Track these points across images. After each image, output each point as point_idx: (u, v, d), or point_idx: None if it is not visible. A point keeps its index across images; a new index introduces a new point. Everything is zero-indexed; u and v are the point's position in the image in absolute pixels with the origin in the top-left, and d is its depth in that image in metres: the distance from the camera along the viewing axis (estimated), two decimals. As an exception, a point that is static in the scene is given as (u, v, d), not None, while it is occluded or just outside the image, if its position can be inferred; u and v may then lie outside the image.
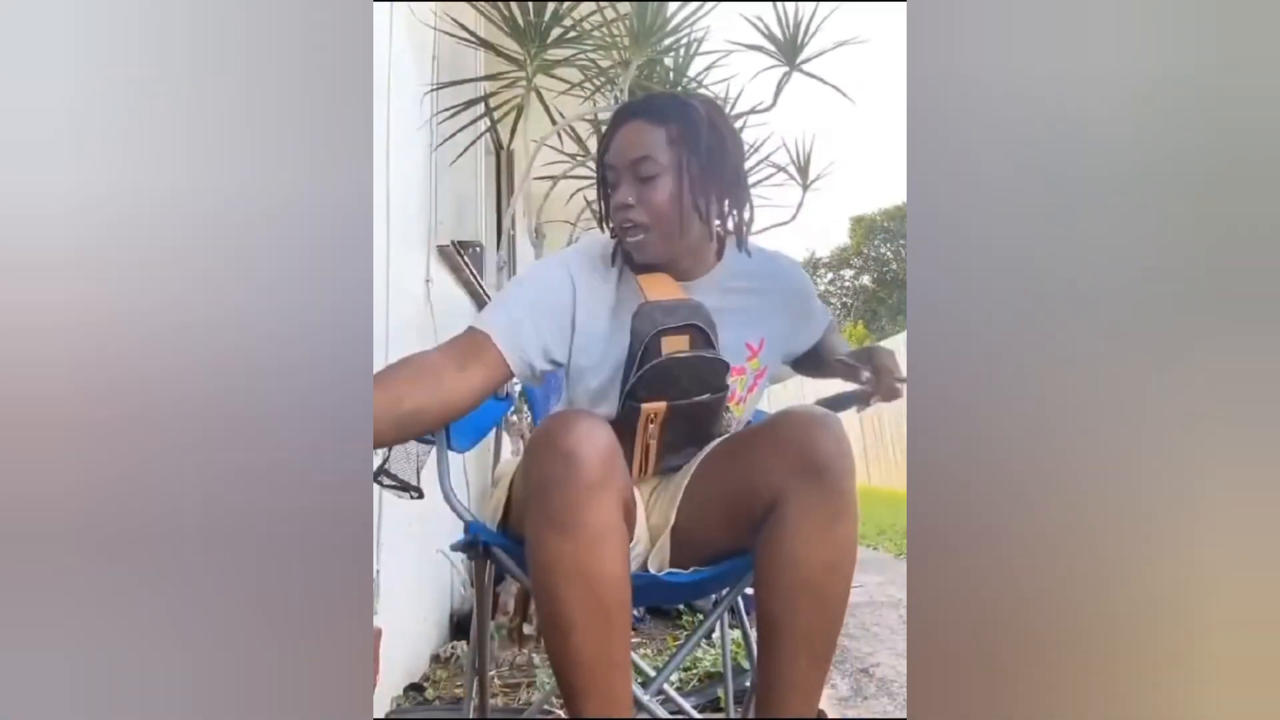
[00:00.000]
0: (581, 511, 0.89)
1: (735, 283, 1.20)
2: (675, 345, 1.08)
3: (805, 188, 2.58)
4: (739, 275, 1.21)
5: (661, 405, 1.09)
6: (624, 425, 1.09)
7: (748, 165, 2.61)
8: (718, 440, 1.15)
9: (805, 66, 2.14)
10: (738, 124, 2.53)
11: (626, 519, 0.95)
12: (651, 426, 1.10)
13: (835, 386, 1.22)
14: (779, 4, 2.10)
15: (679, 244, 1.14)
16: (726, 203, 1.16)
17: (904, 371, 1.09)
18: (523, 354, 1.10)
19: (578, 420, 0.92)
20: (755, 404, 1.27)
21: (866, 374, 1.11)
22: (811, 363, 1.33)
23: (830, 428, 0.98)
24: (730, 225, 1.19)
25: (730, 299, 1.18)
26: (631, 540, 1.05)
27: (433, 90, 2.31)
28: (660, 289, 1.13)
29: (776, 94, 2.12)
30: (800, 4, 2.11)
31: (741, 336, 1.19)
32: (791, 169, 2.58)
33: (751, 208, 1.21)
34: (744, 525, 1.02)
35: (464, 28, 2.06)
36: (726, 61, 2.45)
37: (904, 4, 0.73)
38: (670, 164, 1.10)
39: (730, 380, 1.15)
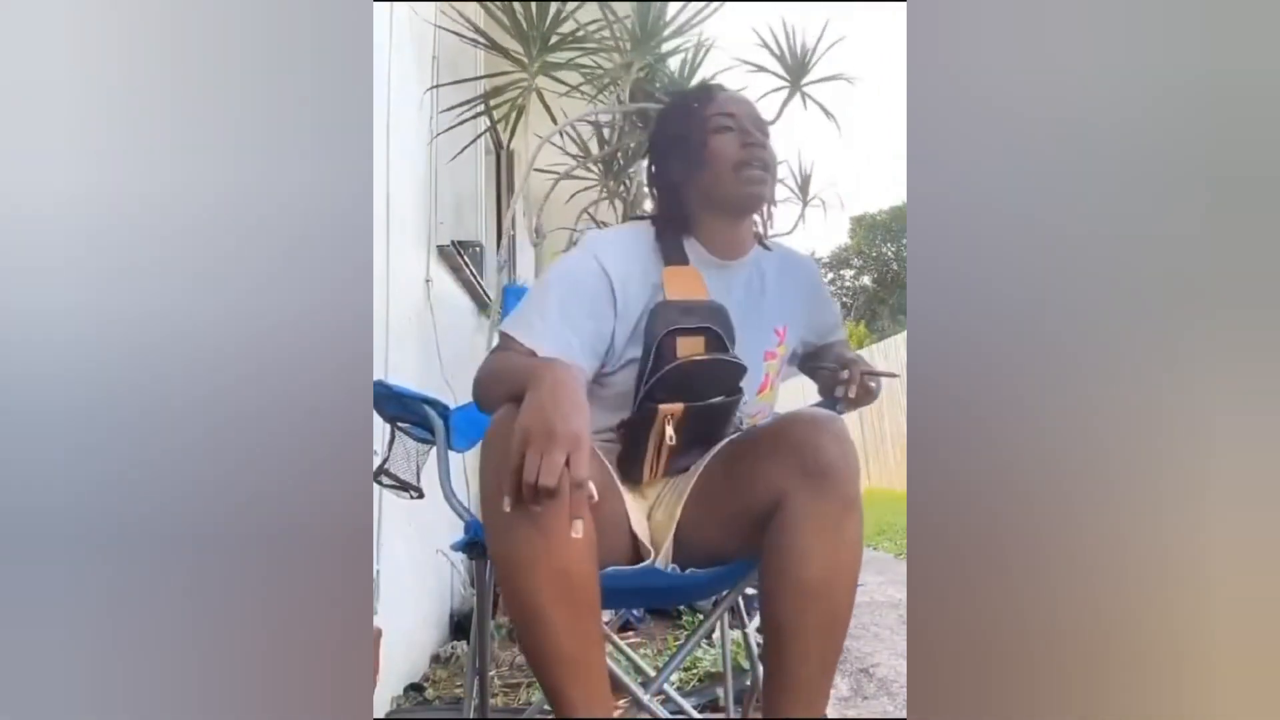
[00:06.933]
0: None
1: (765, 265, 1.26)
2: (691, 347, 1.10)
3: (805, 203, 2.58)
4: (767, 260, 1.27)
5: (679, 407, 1.09)
6: (640, 425, 1.11)
7: None
8: (725, 440, 1.15)
9: (810, 88, 2.14)
10: None
11: (596, 506, 0.93)
12: (669, 429, 1.10)
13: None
14: (786, 20, 2.10)
15: (770, 199, 1.22)
16: None
17: (897, 369, 1.12)
18: (569, 359, 1.07)
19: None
20: (778, 392, 1.30)
21: (845, 374, 1.14)
22: (809, 362, 1.35)
23: (833, 430, 0.98)
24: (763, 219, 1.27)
25: (762, 283, 1.25)
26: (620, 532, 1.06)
27: (434, 88, 2.31)
28: (683, 287, 1.14)
29: (779, 111, 2.12)
30: (805, 28, 2.10)
31: (770, 322, 1.24)
32: (791, 182, 2.58)
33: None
34: (748, 528, 1.02)
35: (468, 23, 2.06)
36: (731, 73, 2.44)
37: (904, 5, 0.73)
38: (769, 137, 1.21)
39: (764, 364, 1.22)
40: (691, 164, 1.18)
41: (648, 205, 1.90)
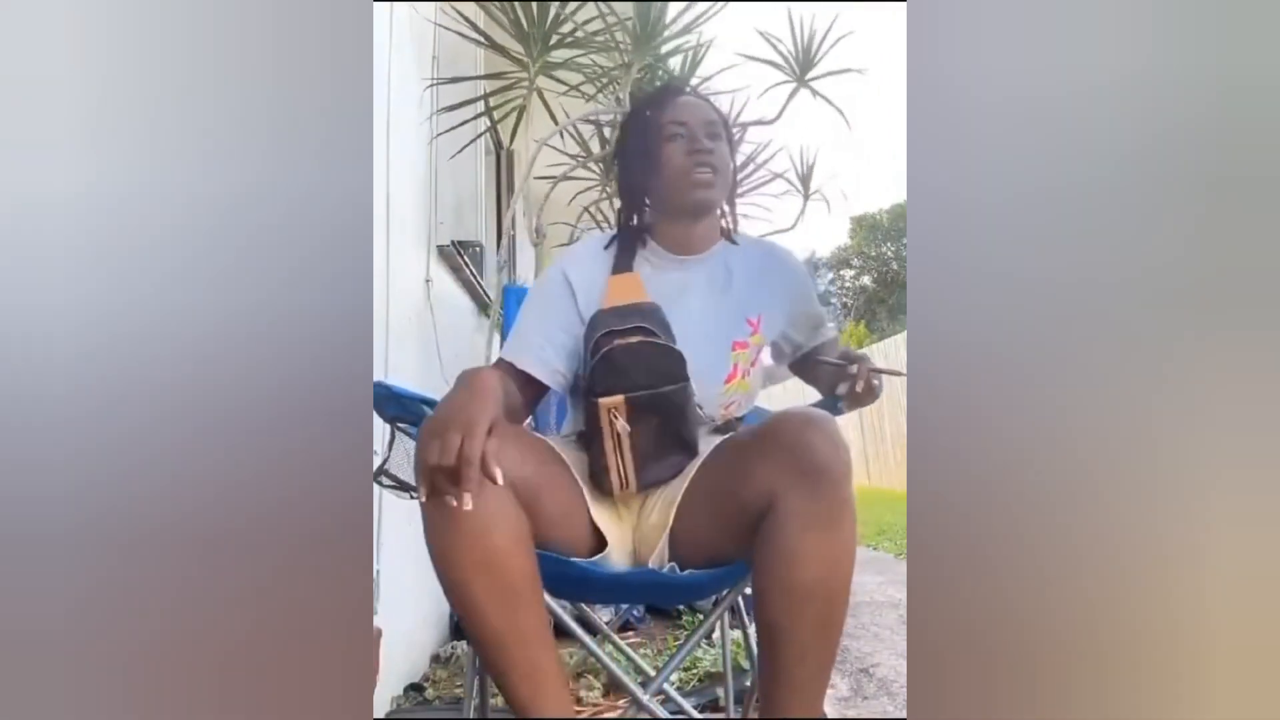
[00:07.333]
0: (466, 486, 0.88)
1: (733, 260, 1.29)
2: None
3: (806, 198, 2.58)
4: (735, 254, 1.31)
5: (619, 399, 1.10)
6: (591, 427, 1.13)
7: (748, 173, 2.61)
8: (720, 441, 1.15)
9: (814, 83, 2.13)
10: (741, 133, 2.53)
11: (525, 497, 0.97)
12: (617, 423, 1.10)
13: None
14: (792, 14, 2.09)
15: (721, 201, 1.27)
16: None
17: (898, 367, 1.12)
18: (546, 365, 1.18)
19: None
20: (758, 384, 1.30)
21: (854, 368, 1.13)
22: (805, 364, 1.35)
23: (825, 429, 0.98)
24: (726, 214, 1.33)
25: (728, 276, 1.28)
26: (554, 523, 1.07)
27: (433, 85, 2.31)
28: (621, 293, 1.20)
29: (783, 108, 2.11)
30: (813, 18, 2.09)
31: (740, 312, 1.26)
32: (793, 176, 2.57)
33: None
34: (743, 529, 1.01)
35: (469, 22, 2.06)
36: (734, 71, 2.44)
37: (904, 4, 0.73)
38: (724, 137, 1.25)
39: (731, 354, 1.23)
40: (648, 171, 1.24)
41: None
